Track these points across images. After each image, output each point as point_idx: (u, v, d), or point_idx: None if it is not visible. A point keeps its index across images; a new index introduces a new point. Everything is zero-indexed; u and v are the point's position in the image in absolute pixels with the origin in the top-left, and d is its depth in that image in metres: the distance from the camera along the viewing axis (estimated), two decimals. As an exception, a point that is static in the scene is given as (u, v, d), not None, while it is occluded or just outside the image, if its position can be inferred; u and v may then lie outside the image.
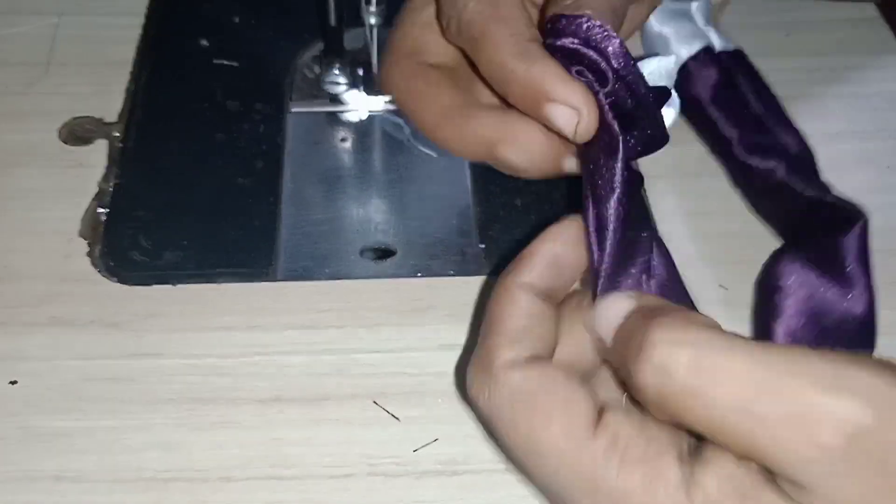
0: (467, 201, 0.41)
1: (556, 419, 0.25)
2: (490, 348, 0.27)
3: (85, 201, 0.40)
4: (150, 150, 0.43)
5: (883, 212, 0.38)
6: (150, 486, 0.32)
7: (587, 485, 0.24)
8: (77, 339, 0.36)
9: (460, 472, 0.33)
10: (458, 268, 0.39)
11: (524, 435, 0.25)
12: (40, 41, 0.47)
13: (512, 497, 0.32)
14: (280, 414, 0.34)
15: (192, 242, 0.39)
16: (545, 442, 0.25)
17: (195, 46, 0.48)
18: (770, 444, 0.21)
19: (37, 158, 0.42)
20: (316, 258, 0.39)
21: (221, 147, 0.43)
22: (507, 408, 0.25)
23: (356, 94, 0.45)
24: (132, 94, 0.45)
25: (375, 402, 0.34)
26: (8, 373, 0.35)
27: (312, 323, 0.37)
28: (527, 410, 0.25)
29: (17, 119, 0.44)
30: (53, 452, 0.33)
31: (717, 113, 0.42)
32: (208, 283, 0.38)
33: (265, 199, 0.41)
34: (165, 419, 0.34)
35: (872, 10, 0.51)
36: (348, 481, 0.32)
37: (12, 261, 0.38)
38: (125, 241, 0.39)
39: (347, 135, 0.45)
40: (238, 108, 0.45)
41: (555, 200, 0.41)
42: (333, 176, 0.43)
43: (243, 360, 0.35)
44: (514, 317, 0.27)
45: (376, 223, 0.41)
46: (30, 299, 0.37)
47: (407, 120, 0.44)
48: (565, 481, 0.24)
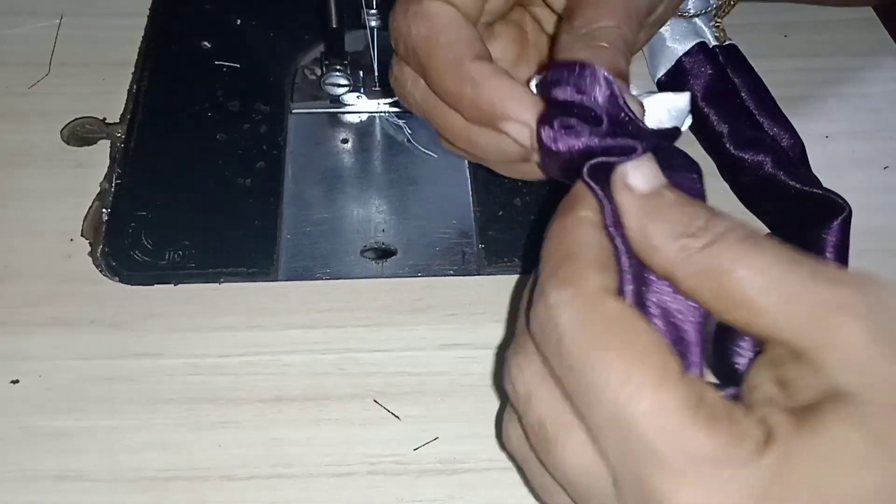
0: (467, 201, 0.42)
1: (651, 361, 0.23)
2: (575, 272, 0.25)
3: (86, 201, 0.41)
4: (151, 150, 0.43)
5: (882, 212, 0.38)
6: (151, 486, 0.32)
7: (669, 429, 0.22)
8: (78, 339, 0.36)
9: (460, 471, 0.33)
10: (458, 268, 0.39)
11: (613, 365, 0.23)
12: (42, 41, 0.47)
13: (512, 496, 0.32)
14: (280, 413, 0.34)
15: (194, 242, 0.39)
16: (636, 379, 0.23)
17: (197, 48, 0.48)
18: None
19: (38, 159, 0.42)
20: (316, 258, 0.39)
21: (222, 148, 0.43)
22: (601, 333, 0.24)
23: (357, 95, 0.45)
24: (134, 94, 0.45)
25: (376, 401, 0.34)
26: (9, 372, 0.35)
27: (313, 322, 0.37)
28: (624, 343, 0.23)
29: (19, 119, 0.44)
30: (54, 452, 0.33)
31: (709, 108, 0.43)
32: (209, 283, 0.38)
33: (266, 199, 0.41)
34: (166, 419, 0.34)
35: (869, 11, 0.51)
36: (349, 480, 0.32)
37: (14, 260, 0.38)
38: (126, 240, 0.39)
39: (348, 135, 0.45)
40: (239, 108, 0.45)
41: (555, 201, 0.41)
42: (334, 176, 0.43)
43: (244, 359, 0.35)
44: (594, 246, 0.26)
45: (377, 223, 0.41)
46: (31, 299, 0.37)
47: (408, 121, 0.45)
48: (645, 422, 0.23)
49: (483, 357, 0.36)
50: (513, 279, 0.39)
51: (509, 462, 0.33)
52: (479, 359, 0.36)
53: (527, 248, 0.40)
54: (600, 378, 0.23)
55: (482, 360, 0.36)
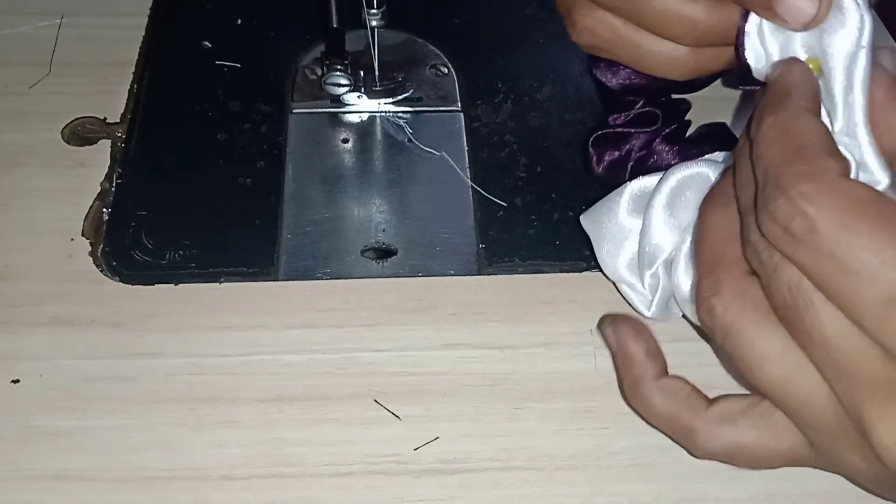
0: (467, 201, 0.42)
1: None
2: (813, 163, 0.25)
3: (87, 201, 0.41)
4: (152, 150, 0.43)
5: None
6: (152, 486, 0.32)
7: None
8: (79, 339, 0.36)
9: (461, 471, 0.33)
10: (458, 268, 0.39)
11: (884, 246, 0.24)
12: (43, 41, 0.47)
13: (512, 496, 0.32)
14: (281, 413, 0.34)
15: (194, 242, 0.39)
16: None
17: (198, 47, 0.48)
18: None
19: (39, 158, 0.42)
20: (317, 258, 0.39)
21: (223, 147, 0.43)
22: (858, 217, 0.24)
23: (357, 95, 0.45)
24: (134, 94, 0.45)
25: (376, 400, 0.34)
26: (9, 372, 0.35)
27: (313, 322, 0.37)
28: (886, 225, 0.24)
29: (20, 119, 0.44)
30: (55, 452, 0.33)
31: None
32: (210, 283, 0.38)
33: (267, 199, 0.41)
34: (167, 418, 0.34)
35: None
36: (349, 480, 0.32)
37: (14, 260, 0.38)
38: (127, 240, 0.39)
39: (349, 135, 0.45)
40: (240, 108, 0.45)
41: (555, 201, 0.42)
42: (334, 176, 0.43)
43: (244, 359, 0.36)
44: (822, 134, 0.26)
45: (377, 223, 0.41)
46: (32, 299, 0.37)
47: (408, 119, 0.45)
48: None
49: (483, 357, 0.36)
50: (513, 279, 0.39)
51: (509, 462, 0.33)
52: (479, 359, 0.36)
53: (527, 248, 0.40)
54: (872, 260, 0.23)
55: (482, 360, 0.36)
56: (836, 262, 0.24)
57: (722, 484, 0.32)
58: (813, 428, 0.28)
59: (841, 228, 0.24)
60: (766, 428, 0.29)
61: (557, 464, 0.33)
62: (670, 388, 0.31)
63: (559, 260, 0.39)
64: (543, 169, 0.43)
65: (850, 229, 0.24)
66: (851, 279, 0.24)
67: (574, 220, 0.39)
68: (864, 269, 0.24)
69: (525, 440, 0.33)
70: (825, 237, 0.24)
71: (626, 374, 0.32)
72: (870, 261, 0.24)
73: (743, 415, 0.30)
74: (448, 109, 0.46)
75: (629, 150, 0.39)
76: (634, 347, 0.32)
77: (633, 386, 0.32)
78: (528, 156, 0.43)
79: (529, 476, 0.33)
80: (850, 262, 0.24)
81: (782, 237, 0.25)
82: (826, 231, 0.24)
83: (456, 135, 0.44)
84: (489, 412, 0.34)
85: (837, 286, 0.24)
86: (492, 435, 0.34)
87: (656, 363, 0.32)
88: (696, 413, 0.30)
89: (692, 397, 0.31)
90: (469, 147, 0.44)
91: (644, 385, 0.31)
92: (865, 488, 0.30)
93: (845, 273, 0.24)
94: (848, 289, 0.24)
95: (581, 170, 0.42)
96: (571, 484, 0.32)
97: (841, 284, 0.24)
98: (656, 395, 0.31)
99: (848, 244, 0.24)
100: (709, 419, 0.30)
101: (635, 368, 0.31)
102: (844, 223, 0.24)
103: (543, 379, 0.35)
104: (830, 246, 0.24)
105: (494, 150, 0.44)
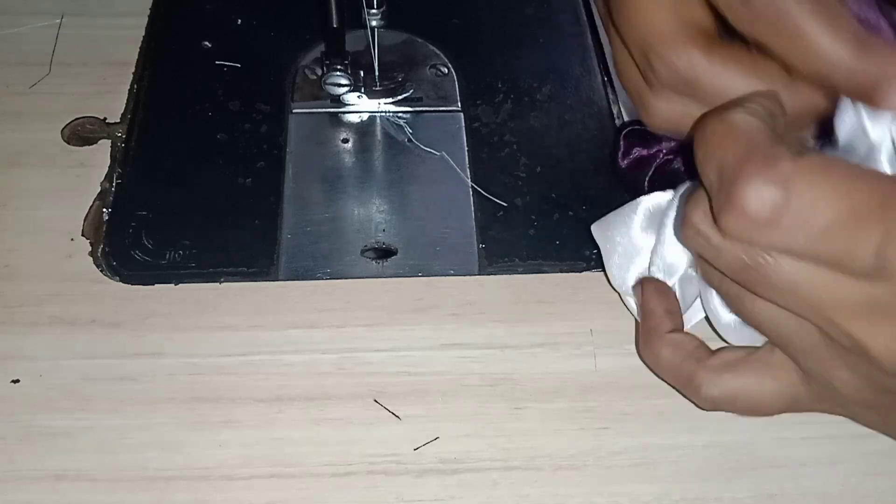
0: (467, 201, 0.42)
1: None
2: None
3: (87, 201, 0.41)
4: (152, 150, 0.43)
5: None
6: (152, 486, 0.32)
7: None
8: (79, 339, 0.36)
9: (461, 471, 0.33)
10: (458, 268, 0.39)
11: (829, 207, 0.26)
12: (43, 41, 0.47)
13: (512, 496, 0.32)
14: (281, 413, 0.34)
15: (194, 242, 0.39)
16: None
17: (197, 47, 0.48)
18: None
19: (39, 158, 0.42)
20: (317, 258, 0.39)
21: (223, 147, 0.43)
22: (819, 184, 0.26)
23: (357, 95, 0.45)
24: (134, 94, 0.45)
25: (376, 400, 0.34)
26: (9, 372, 0.35)
27: (313, 322, 0.37)
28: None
29: (20, 119, 0.44)
30: (54, 452, 0.33)
31: None
32: (210, 283, 0.38)
33: (266, 198, 0.41)
34: (167, 418, 0.34)
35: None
36: (349, 480, 0.32)
37: (14, 260, 0.38)
38: (127, 240, 0.39)
39: (348, 135, 0.45)
40: (240, 108, 0.45)
41: (555, 201, 0.42)
42: (334, 176, 0.43)
43: (244, 359, 0.36)
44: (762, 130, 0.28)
45: (377, 223, 0.41)
46: (31, 299, 0.37)
47: (407, 122, 0.45)
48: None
49: (483, 357, 0.36)
50: (513, 279, 0.39)
51: (509, 462, 0.33)
52: (479, 359, 0.36)
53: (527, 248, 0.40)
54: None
55: (482, 360, 0.36)
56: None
57: (722, 484, 0.32)
58: (804, 352, 0.30)
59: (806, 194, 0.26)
60: (763, 371, 0.31)
61: (557, 464, 0.33)
62: (679, 341, 0.33)
63: (559, 260, 0.39)
64: (543, 169, 0.43)
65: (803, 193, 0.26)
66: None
67: (574, 219, 0.39)
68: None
69: (525, 440, 0.33)
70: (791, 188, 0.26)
71: (642, 328, 0.34)
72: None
73: (743, 361, 0.32)
74: (448, 109, 0.46)
75: (658, 150, 0.39)
76: (655, 304, 0.34)
77: (646, 337, 0.34)
78: (528, 156, 0.43)
79: (529, 476, 0.33)
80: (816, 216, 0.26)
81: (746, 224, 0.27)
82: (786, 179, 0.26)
83: (456, 135, 0.44)
84: (489, 412, 0.34)
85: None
86: (492, 435, 0.34)
87: (671, 320, 0.34)
88: (700, 363, 0.32)
89: (699, 350, 0.33)
90: (469, 147, 0.44)
91: (655, 337, 0.33)
92: (853, 412, 0.32)
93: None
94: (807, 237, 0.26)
95: (581, 170, 0.42)
96: (571, 484, 0.32)
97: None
98: (665, 347, 0.33)
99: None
100: (710, 367, 0.32)
101: (651, 322, 0.34)
102: (804, 188, 0.26)
103: (543, 379, 0.35)
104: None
105: (494, 150, 0.44)
